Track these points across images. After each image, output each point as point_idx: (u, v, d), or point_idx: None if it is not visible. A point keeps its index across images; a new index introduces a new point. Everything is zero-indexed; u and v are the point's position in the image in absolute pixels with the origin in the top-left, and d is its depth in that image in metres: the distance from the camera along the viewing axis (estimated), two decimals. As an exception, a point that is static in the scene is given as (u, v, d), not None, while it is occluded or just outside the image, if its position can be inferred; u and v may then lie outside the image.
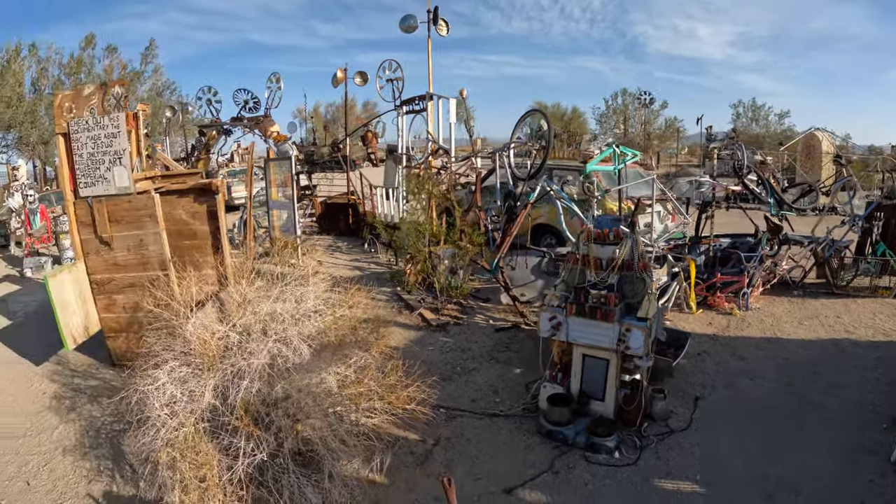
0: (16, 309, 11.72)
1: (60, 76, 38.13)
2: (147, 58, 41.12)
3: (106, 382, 7.66)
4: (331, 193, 18.22)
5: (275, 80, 15.54)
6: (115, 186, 7.34)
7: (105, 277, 7.70)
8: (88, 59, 39.08)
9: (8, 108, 33.73)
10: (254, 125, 15.30)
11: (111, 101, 7.22)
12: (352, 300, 6.62)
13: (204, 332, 5.48)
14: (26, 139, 35.56)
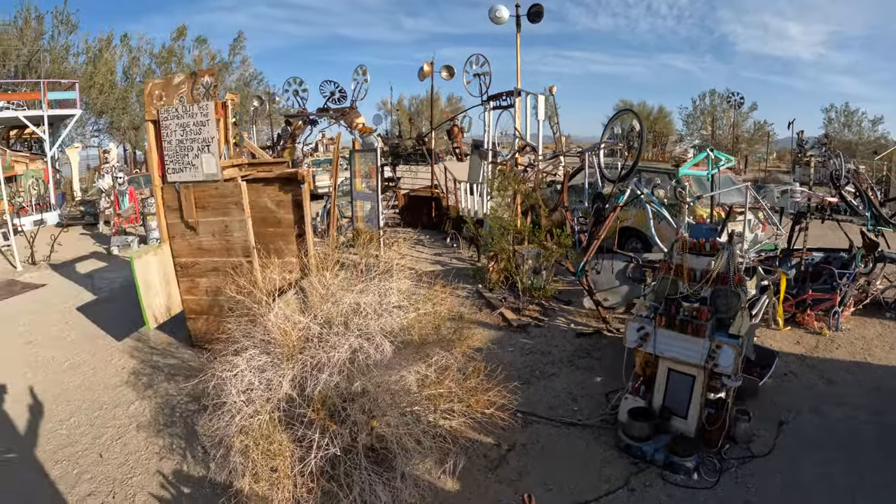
0: (101, 285, 12.04)
1: (151, 65, 39.10)
2: (235, 49, 41.94)
3: (184, 362, 7.74)
4: (414, 186, 18.16)
5: (361, 73, 15.56)
6: (203, 173, 7.40)
7: (189, 261, 7.80)
8: (179, 49, 40.01)
9: (101, 95, 34.76)
10: (340, 116, 15.34)
11: (200, 90, 7.27)
12: (436, 297, 6.49)
13: (285, 322, 5.42)
14: (117, 124, 36.64)
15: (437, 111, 48.19)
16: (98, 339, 8.89)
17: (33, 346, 8.91)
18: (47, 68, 29.75)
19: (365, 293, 5.88)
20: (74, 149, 26.44)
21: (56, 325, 9.76)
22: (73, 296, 11.35)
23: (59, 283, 12.75)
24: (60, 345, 8.85)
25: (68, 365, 8.08)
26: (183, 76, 7.40)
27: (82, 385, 7.47)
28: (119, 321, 9.48)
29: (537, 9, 13.40)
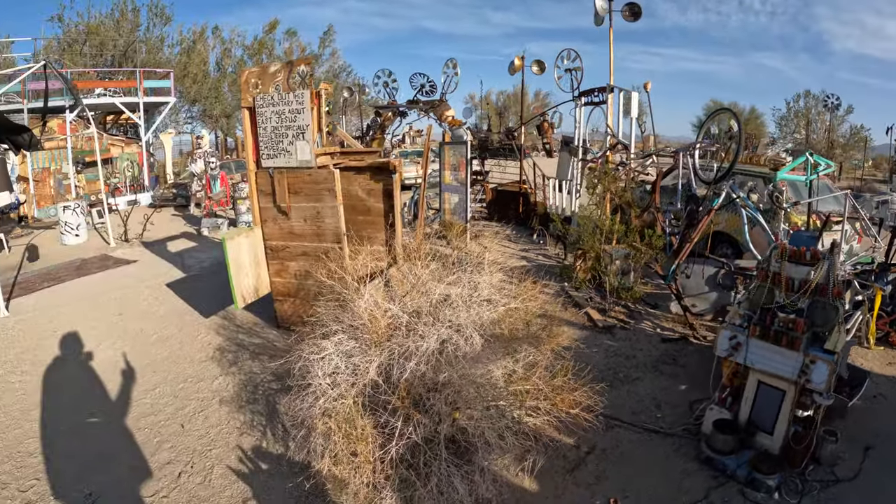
0: (190, 264, 12.33)
1: (243, 57, 40.25)
2: (325, 42, 42.81)
3: (269, 342, 7.83)
4: (502, 181, 18.03)
5: (451, 66, 15.57)
6: (297, 160, 7.46)
7: (279, 244, 7.89)
8: (270, 41, 41.11)
9: (194, 84, 35.94)
10: (429, 108, 15.37)
11: (296, 79, 7.32)
12: (526, 293, 6.37)
13: (375, 309, 5.39)
14: (210, 112, 37.77)
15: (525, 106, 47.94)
16: (186, 315, 9.08)
17: (124, 318, 9.17)
18: (143, 58, 30.74)
19: (455, 285, 5.80)
20: (168, 134, 27.27)
21: (146, 299, 10.02)
22: (163, 273, 11.65)
23: (149, 259, 13.12)
24: (150, 318, 9.08)
25: (156, 338, 8.28)
26: (279, 65, 7.47)
27: (169, 357, 7.64)
28: (207, 299, 9.67)
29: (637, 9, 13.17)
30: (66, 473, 5.41)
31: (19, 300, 10.47)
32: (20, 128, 12.75)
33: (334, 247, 7.49)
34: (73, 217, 15.91)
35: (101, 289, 10.77)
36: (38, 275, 12.52)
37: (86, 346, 8.16)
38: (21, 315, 9.55)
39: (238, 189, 16.21)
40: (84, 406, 6.57)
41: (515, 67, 16.92)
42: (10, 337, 8.64)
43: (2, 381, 7.25)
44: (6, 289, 10.85)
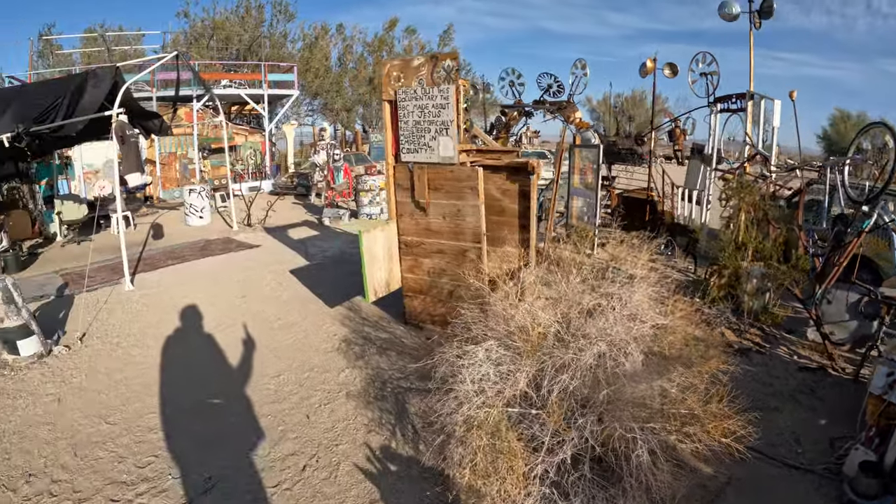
0: (313, 252, 12.18)
1: (364, 53, 40.96)
2: (444, 40, 42.76)
3: (396, 338, 7.52)
4: (629, 186, 17.19)
5: (580, 67, 14.96)
6: (439, 156, 7.16)
7: (415, 240, 7.62)
8: (390, 39, 41.59)
9: (316, 79, 36.53)
10: (556, 109, 14.82)
11: (440, 74, 6.99)
12: (677, 309, 5.73)
13: (529, 317, 4.90)
14: (331, 105, 38.42)
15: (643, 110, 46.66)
16: (310, 304, 8.86)
17: (248, 300, 9.04)
18: (266, 53, 31.39)
19: (606, 296, 5.27)
20: (290, 126, 27.72)
21: (269, 284, 9.88)
22: (286, 259, 11.54)
23: (272, 245, 13.10)
24: (273, 303, 8.92)
25: (280, 323, 8.09)
26: (423, 58, 7.15)
27: (293, 345, 7.41)
28: (331, 289, 9.44)
29: (769, 5, 12.16)
30: (185, 454, 5.27)
31: (144, 275, 10.59)
32: (152, 114, 13.12)
33: (473, 246, 7.19)
34: (198, 200, 16.19)
35: (224, 270, 10.72)
36: (162, 252, 12.68)
37: (208, 325, 8.10)
38: (145, 290, 9.60)
39: (361, 181, 16.05)
40: (206, 385, 6.46)
41: (647, 70, 16.07)
42: (134, 311, 8.64)
43: (125, 353, 7.23)
44: (132, 263, 10.95)
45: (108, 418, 5.81)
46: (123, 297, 9.35)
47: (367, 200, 16.19)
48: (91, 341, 7.62)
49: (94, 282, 10.32)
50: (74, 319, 8.37)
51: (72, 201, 15.44)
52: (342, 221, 15.89)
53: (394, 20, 41.28)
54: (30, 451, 5.26)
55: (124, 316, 8.49)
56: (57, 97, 9.92)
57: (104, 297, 9.42)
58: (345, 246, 12.79)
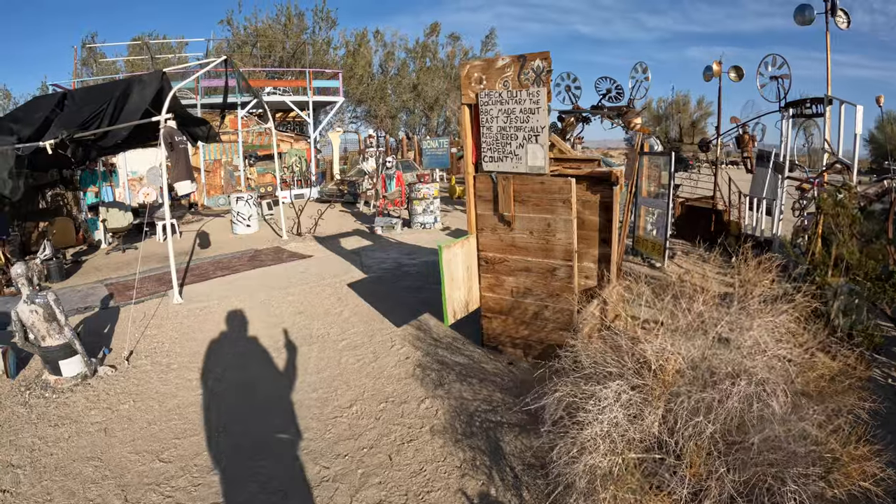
0: (370, 264, 11.44)
1: (406, 59, 40.67)
2: (487, 45, 42.31)
3: (474, 362, 6.72)
4: (692, 195, 16.23)
5: (641, 70, 14.14)
6: (527, 165, 6.40)
7: (497, 256, 6.84)
8: (433, 44, 41.36)
9: (360, 85, 36.23)
10: (616, 115, 14.03)
11: (529, 75, 6.21)
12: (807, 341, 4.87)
13: (660, 354, 4.10)
14: (375, 112, 38.01)
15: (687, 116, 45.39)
16: (373, 322, 8.11)
17: (305, 317, 8.35)
18: (310, 59, 31.08)
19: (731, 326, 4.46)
20: (336, 133, 27.27)
21: (327, 298, 9.17)
22: (341, 271, 10.83)
23: (324, 256, 12.40)
24: (334, 321, 8.20)
25: (345, 345, 7.34)
26: (508, 59, 6.38)
27: (362, 370, 6.65)
28: (394, 305, 8.72)
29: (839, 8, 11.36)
30: (252, 502, 4.53)
31: (193, 287, 10.03)
32: (199, 120, 12.73)
33: (563, 264, 6.41)
34: (245, 208, 15.68)
35: (276, 282, 10.06)
36: (211, 262, 12.12)
37: (266, 344, 7.42)
38: (195, 303, 9.01)
39: (414, 189, 15.32)
40: (269, 417, 5.77)
41: (714, 73, 15.18)
42: (184, 327, 8.03)
43: (177, 377, 6.58)
44: (179, 274, 10.41)
45: (161, 454, 5.12)
46: (172, 310, 8.71)
47: (420, 209, 15.51)
48: (139, 361, 6.97)
49: (140, 293, 9.78)
50: (121, 335, 7.75)
51: (117, 209, 15.01)
52: (395, 231, 15.18)
53: (435, 26, 41.07)
54: (74, 491, 4.62)
55: (174, 332, 7.83)
56: (102, 103, 9.46)
57: (152, 309, 8.81)
58: (402, 257, 12.04)
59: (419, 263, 11.42)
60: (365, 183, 19.18)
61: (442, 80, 39.84)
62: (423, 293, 9.36)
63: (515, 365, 6.57)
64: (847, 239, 8.74)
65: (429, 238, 14.19)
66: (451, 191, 22.23)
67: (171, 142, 9.29)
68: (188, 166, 9.70)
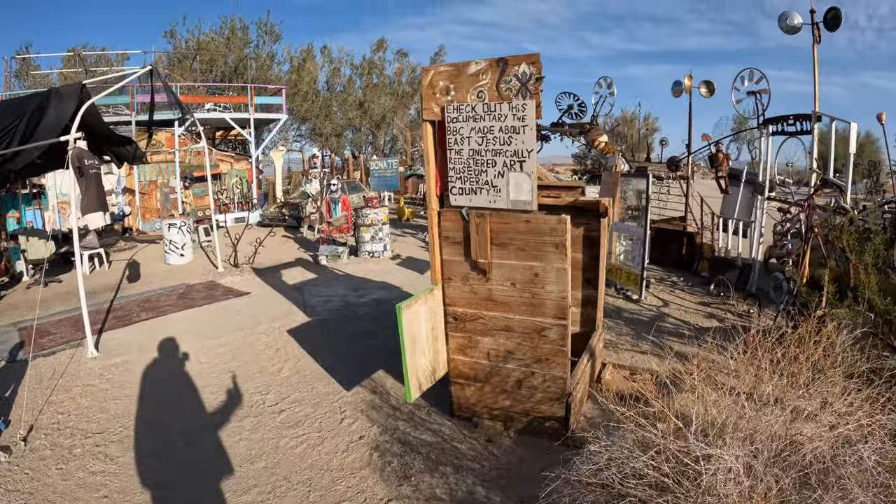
0: (313, 303, 10.06)
1: (352, 76, 39.47)
2: (436, 62, 41.01)
3: (446, 440, 5.41)
4: (661, 216, 15.23)
5: (605, 85, 13.16)
6: (508, 199, 5.11)
7: (469, 312, 5.50)
8: (380, 61, 40.17)
9: (304, 102, 34.85)
10: (577, 133, 13.01)
11: (511, 84, 4.94)
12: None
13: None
14: (319, 130, 36.69)
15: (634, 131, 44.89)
16: (318, 383, 6.76)
17: (238, 377, 6.97)
18: (253, 75, 29.72)
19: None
20: (279, 152, 25.78)
21: (264, 350, 7.82)
22: (280, 313, 9.45)
23: (263, 293, 10.98)
24: (271, 382, 6.81)
25: (284, 418, 5.94)
26: (484, 63, 5.08)
27: (305, 457, 5.24)
28: (342, 358, 7.41)
29: (835, 13, 10.48)
30: None
31: (113, 335, 8.60)
32: (124, 139, 11.20)
33: (556, 324, 5.11)
34: (178, 236, 14.23)
35: (207, 328, 8.70)
36: (137, 301, 10.66)
37: (189, 419, 5.98)
38: (112, 357, 7.62)
39: (361, 215, 13.99)
40: None
41: (685, 88, 14.32)
42: (95, 393, 6.61)
43: (80, 468, 5.15)
44: (100, 316, 9.00)
45: None
46: (84, 368, 7.26)
47: (368, 236, 14.11)
48: (39, 441, 5.52)
49: (53, 340, 8.40)
50: (21, 401, 6.28)
51: (37, 237, 13.37)
52: (341, 260, 13.73)
53: (382, 42, 39.85)
54: None
55: (83, 399, 6.39)
56: (13, 119, 7.98)
57: (63, 364, 7.41)
58: (349, 294, 10.65)
59: (369, 302, 10.07)
60: (308, 206, 17.79)
61: (389, 98, 38.60)
62: (375, 340, 8.04)
63: (495, 442, 5.32)
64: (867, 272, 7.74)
65: (378, 269, 12.84)
66: (400, 213, 20.93)
67: (79, 165, 7.89)
68: (100, 195, 8.28)
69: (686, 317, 9.00)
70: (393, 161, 16.50)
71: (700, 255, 12.48)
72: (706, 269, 11.91)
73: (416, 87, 40.06)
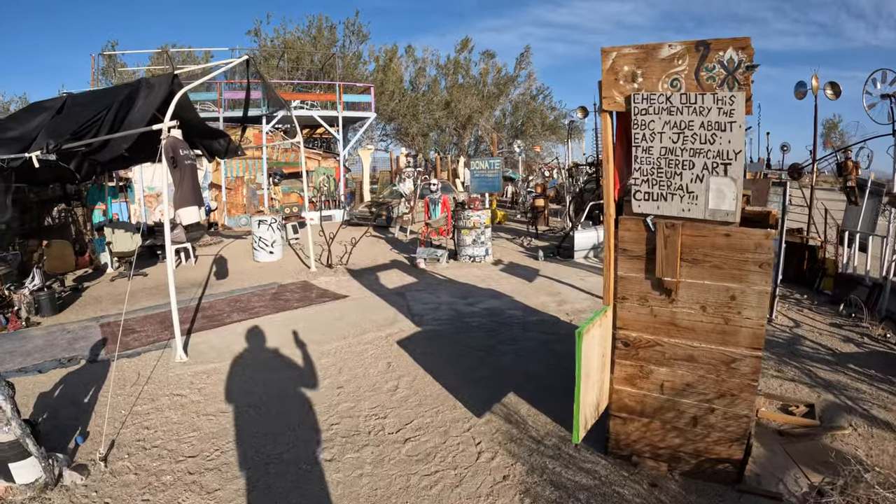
0: (420, 310, 9.20)
1: (437, 76, 38.96)
2: (521, 63, 40.26)
3: (603, 483, 4.44)
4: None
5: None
6: (706, 208, 4.15)
7: (645, 338, 4.55)
8: (465, 61, 39.51)
9: (391, 101, 34.52)
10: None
11: (714, 72, 3.99)
12: None
13: None
14: (406, 130, 36.14)
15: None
16: (442, 406, 5.87)
17: (346, 394, 6.14)
18: (340, 74, 29.36)
19: None
20: (367, 150, 25.23)
21: (373, 363, 6.98)
22: (385, 321, 8.62)
23: (362, 296, 10.19)
24: (387, 402, 5.97)
25: (409, 449, 5.06)
26: (680, 46, 4.11)
27: (441, 499, 4.35)
28: (464, 376, 6.52)
29: None
30: None
31: (203, 336, 8.01)
32: (217, 132, 10.79)
33: (749, 355, 4.17)
34: (268, 232, 13.63)
35: (306, 334, 7.96)
36: (227, 299, 10.04)
37: (295, 444, 5.13)
38: (202, 364, 6.98)
39: (462, 217, 13.06)
40: None
41: (812, 89, 12.98)
42: (185, 405, 5.92)
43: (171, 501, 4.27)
44: (188, 316, 8.35)
45: None
46: (173, 375, 6.60)
47: (469, 240, 13.23)
48: (120, 461, 4.82)
49: (138, 340, 7.82)
50: (102, 410, 5.65)
51: (123, 230, 13.00)
52: (440, 264, 12.91)
53: (466, 41, 39.15)
54: None
55: (171, 412, 5.68)
56: (101, 109, 7.45)
57: (148, 368, 6.80)
58: (457, 302, 9.75)
59: (481, 312, 9.14)
60: (401, 206, 17.03)
61: (475, 98, 37.79)
62: (498, 358, 7.13)
63: (660, 487, 4.33)
64: None
65: (481, 274, 11.95)
66: (493, 216, 20.05)
67: (172, 156, 7.19)
68: (195, 188, 7.60)
69: (822, 339, 7.87)
70: (495, 161, 15.56)
71: (823, 271, 11.22)
72: (830, 286, 10.74)
73: (502, 87, 39.28)
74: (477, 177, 15.44)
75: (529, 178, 25.03)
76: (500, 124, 39.90)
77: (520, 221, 20.51)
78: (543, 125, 39.57)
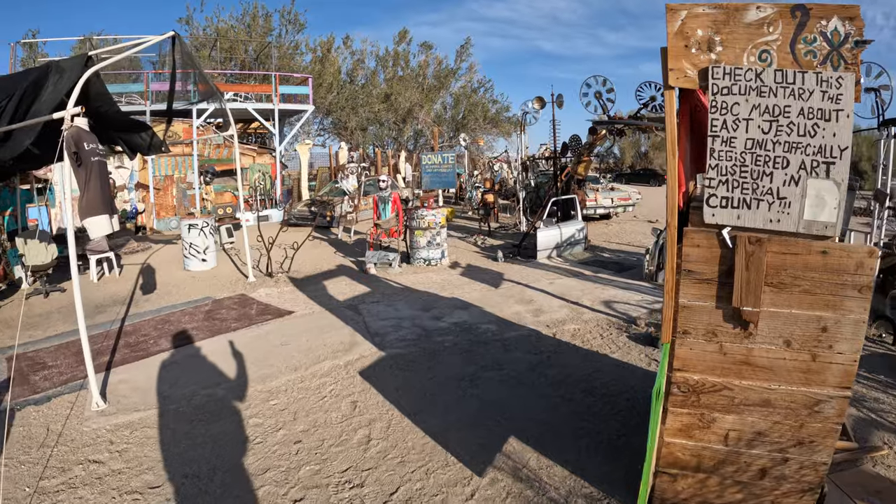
0: (379, 328, 7.96)
1: (376, 68, 38.30)
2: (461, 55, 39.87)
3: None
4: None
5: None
6: (800, 219, 3.10)
7: (710, 381, 3.44)
8: (404, 52, 38.93)
9: (328, 94, 33.44)
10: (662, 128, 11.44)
11: (816, 45, 3.01)
12: None
13: None
14: (344, 124, 35.01)
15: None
16: (430, 460, 4.67)
17: (306, 451, 4.89)
18: (275, 65, 27.99)
19: None
20: (306, 145, 23.89)
21: (334, 403, 5.75)
22: (340, 344, 7.37)
23: (310, 312, 8.90)
24: (360, 460, 4.73)
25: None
26: (771, 10, 3.04)
27: None
28: (450, 416, 5.36)
29: None
30: None
31: (125, 372, 6.69)
32: (138, 125, 9.29)
33: (837, 395, 3.24)
34: (199, 238, 12.27)
35: (250, 366, 6.70)
36: (154, 321, 8.72)
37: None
38: (123, 414, 5.70)
39: (416, 216, 11.88)
40: None
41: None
42: (104, 479, 4.57)
43: None
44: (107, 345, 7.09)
45: None
46: (88, 430, 5.23)
47: (424, 241, 12.08)
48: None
49: (49, 379, 6.47)
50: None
51: (37, 240, 11.37)
52: (392, 269, 11.69)
53: (404, 33, 38.40)
54: None
55: (86, 491, 4.29)
56: (2, 99, 6.19)
57: (59, 420, 5.45)
58: (420, 315, 8.53)
59: (451, 328, 7.93)
60: (344, 205, 15.75)
61: (415, 91, 36.72)
62: (484, 389, 5.96)
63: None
64: None
65: (441, 280, 10.78)
66: (445, 213, 19.11)
67: (75, 151, 5.81)
68: (104, 190, 6.26)
69: None
70: (449, 155, 14.51)
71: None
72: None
73: (443, 80, 38.52)
74: (429, 172, 14.38)
75: (475, 173, 24.18)
76: (441, 118, 39.02)
77: (469, 218, 19.52)
78: (485, 118, 38.98)
